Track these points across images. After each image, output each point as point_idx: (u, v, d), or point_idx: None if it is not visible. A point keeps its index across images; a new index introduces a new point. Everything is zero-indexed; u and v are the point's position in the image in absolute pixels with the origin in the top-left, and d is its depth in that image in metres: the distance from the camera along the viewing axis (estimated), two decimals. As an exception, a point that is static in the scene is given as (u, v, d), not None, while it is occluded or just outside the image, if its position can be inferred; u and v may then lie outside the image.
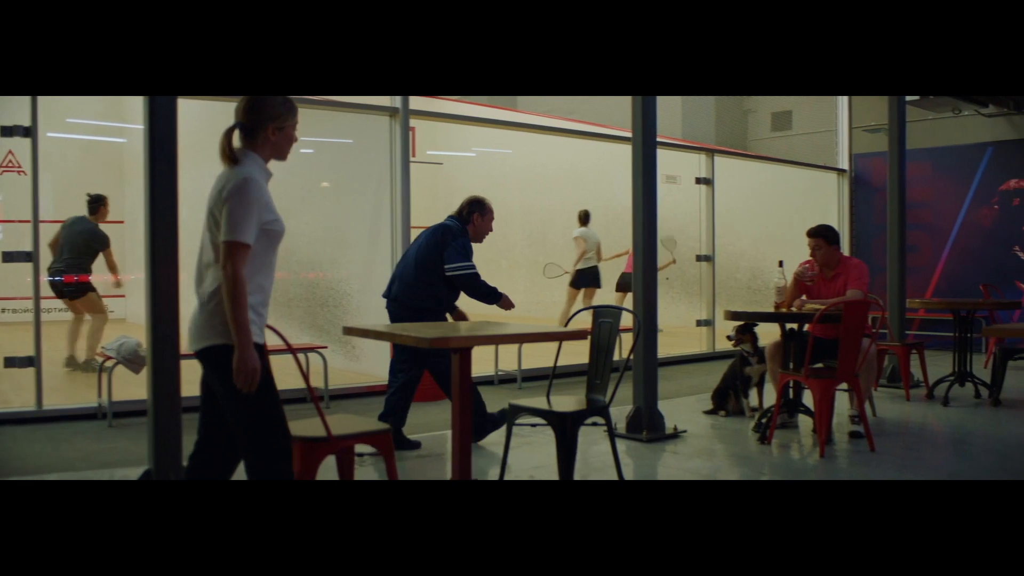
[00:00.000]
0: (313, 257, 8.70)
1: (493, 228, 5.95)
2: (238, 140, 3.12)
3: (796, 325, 5.95)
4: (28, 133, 6.43)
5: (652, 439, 5.93)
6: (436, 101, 9.36)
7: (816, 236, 6.18)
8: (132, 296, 13.69)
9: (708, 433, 6.31)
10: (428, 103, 8.86)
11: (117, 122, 13.50)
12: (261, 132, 3.12)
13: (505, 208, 12.13)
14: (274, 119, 3.13)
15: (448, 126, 11.73)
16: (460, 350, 3.71)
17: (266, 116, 3.11)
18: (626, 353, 7.15)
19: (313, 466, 3.60)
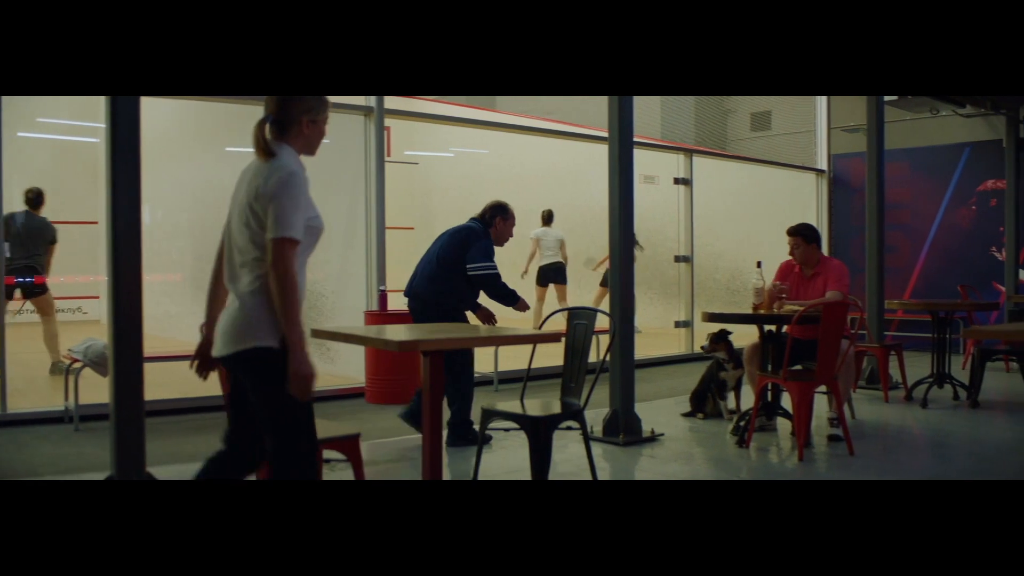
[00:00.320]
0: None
1: (514, 234, 6.06)
2: (269, 133, 3.01)
3: (775, 327, 5.90)
4: (-8, 133, 6.30)
5: (629, 442, 5.86)
6: (412, 100, 9.26)
7: (795, 235, 6.18)
8: (106, 297, 13.51)
9: (686, 436, 6.24)
10: (404, 102, 8.76)
11: (90, 122, 13.31)
12: (294, 125, 3.01)
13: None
14: (307, 112, 3.02)
15: (425, 126, 11.63)
16: (429, 353, 3.63)
17: (300, 108, 3.01)
18: (603, 354, 7.11)
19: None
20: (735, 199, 12.17)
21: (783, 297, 6.00)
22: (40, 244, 8.32)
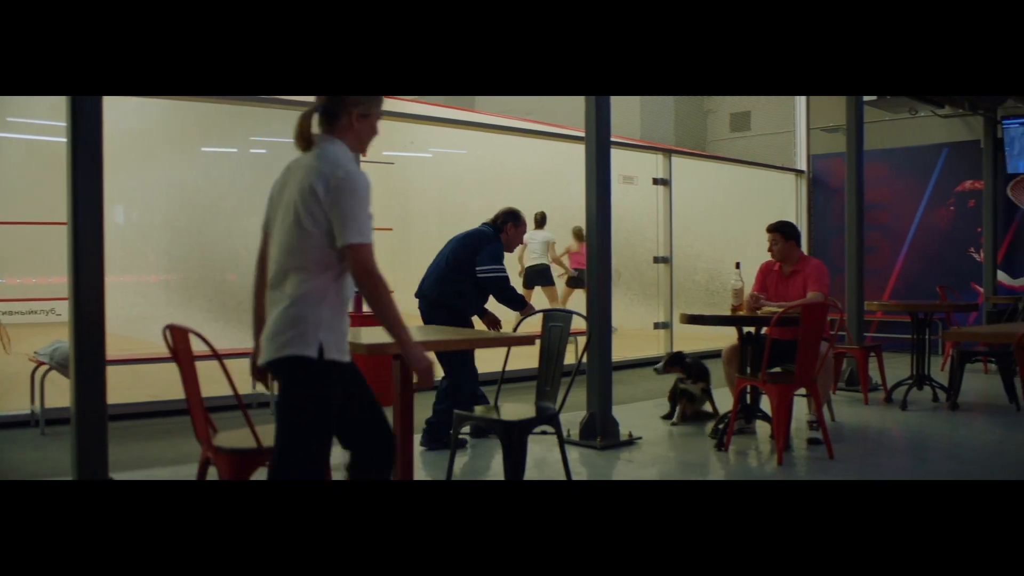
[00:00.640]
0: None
1: (524, 241, 6.18)
2: (318, 125, 2.91)
3: (753, 329, 5.84)
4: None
5: (606, 446, 5.77)
6: (390, 100, 9.16)
7: (774, 231, 6.18)
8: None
9: (664, 440, 6.17)
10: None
11: (62, 121, 13.15)
12: (344, 117, 2.90)
13: (462, 209, 11.95)
14: (358, 104, 2.91)
15: (404, 125, 11.53)
16: (399, 357, 3.55)
17: (350, 101, 2.89)
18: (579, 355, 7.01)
19: (245, 478, 3.41)
20: (714, 200, 12.13)
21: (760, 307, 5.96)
22: None
